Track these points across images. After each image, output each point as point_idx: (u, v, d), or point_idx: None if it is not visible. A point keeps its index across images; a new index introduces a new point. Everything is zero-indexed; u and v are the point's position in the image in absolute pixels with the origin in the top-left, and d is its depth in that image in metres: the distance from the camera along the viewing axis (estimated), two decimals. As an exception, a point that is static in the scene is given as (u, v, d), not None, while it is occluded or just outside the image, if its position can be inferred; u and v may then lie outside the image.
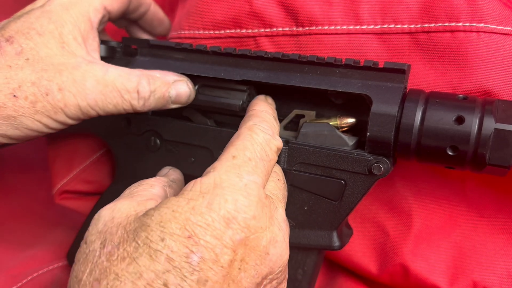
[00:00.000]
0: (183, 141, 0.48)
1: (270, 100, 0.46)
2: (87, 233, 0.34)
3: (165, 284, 0.29)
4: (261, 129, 0.38)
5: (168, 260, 0.30)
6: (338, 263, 0.54)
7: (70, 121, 0.42)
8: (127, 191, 0.38)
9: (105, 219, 0.33)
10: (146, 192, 0.37)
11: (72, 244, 0.54)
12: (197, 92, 0.47)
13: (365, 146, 0.40)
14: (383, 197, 0.50)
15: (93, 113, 0.42)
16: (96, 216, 0.34)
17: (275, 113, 0.44)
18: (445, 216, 0.48)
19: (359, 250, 0.51)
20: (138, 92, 0.42)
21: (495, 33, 0.43)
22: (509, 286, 0.45)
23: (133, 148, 0.50)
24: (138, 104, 0.43)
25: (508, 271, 0.46)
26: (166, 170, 0.47)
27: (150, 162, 0.50)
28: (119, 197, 0.37)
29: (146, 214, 0.32)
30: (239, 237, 0.32)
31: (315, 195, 0.42)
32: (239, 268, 0.32)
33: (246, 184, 0.34)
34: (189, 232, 0.31)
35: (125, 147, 0.50)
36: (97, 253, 0.31)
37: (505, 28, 0.43)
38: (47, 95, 0.40)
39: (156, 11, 0.56)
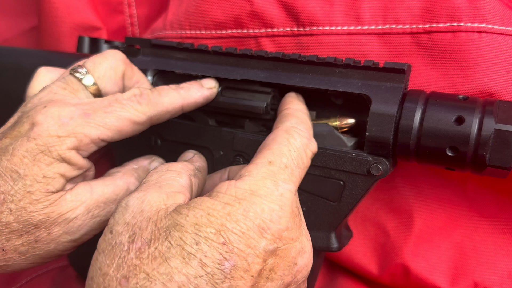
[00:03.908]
0: (183, 141, 0.48)
1: (301, 98, 0.44)
2: (112, 221, 0.32)
3: None
4: (298, 132, 0.37)
5: (201, 265, 0.29)
6: (338, 263, 0.54)
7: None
8: (154, 177, 0.36)
9: (134, 209, 0.32)
10: (174, 182, 0.36)
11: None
12: (220, 94, 0.46)
13: (364, 147, 0.40)
14: (384, 197, 0.50)
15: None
16: (123, 204, 0.33)
17: (308, 112, 0.43)
18: (446, 216, 0.48)
19: (360, 251, 0.51)
20: (129, 191, 0.41)
21: (497, 33, 0.43)
22: (510, 286, 0.45)
23: (134, 148, 0.50)
24: None
25: (509, 271, 0.46)
26: (190, 154, 0.44)
27: None
28: (146, 183, 0.35)
29: (179, 212, 0.31)
30: (271, 248, 0.31)
31: (314, 195, 0.42)
32: (267, 278, 0.31)
33: (282, 193, 0.33)
34: (224, 238, 0.30)
35: (126, 147, 0.50)
36: (125, 247, 0.30)
37: (507, 28, 0.43)
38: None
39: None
